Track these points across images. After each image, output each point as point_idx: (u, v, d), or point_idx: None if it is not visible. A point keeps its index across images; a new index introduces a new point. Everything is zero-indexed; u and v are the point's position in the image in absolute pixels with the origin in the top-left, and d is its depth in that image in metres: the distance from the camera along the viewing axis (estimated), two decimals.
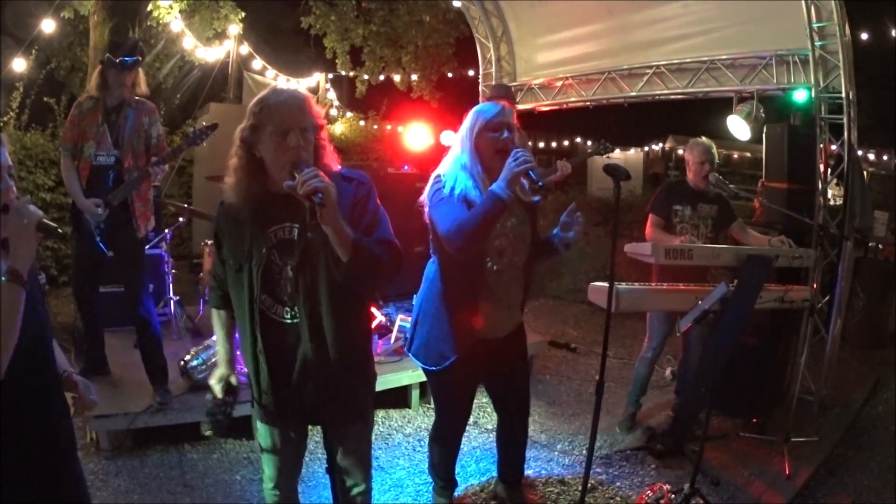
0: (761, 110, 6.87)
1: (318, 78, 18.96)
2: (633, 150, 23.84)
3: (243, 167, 2.95)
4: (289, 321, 3.02)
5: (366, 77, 18.48)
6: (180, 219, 8.59)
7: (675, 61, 7.86)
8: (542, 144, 22.86)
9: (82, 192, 5.80)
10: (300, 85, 18.21)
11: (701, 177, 5.91)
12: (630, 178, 3.98)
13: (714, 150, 5.99)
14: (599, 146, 7.23)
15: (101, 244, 5.82)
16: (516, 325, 4.25)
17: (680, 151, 18.25)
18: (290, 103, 2.87)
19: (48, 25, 9.89)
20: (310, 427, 3.43)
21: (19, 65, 9.79)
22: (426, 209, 3.91)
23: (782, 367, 6.66)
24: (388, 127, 20.39)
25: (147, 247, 6.64)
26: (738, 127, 6.90)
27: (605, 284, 4.41)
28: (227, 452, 5.79)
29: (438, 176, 3.91)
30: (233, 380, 3.23)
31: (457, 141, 3.96)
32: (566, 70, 9.45)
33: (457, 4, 10.75)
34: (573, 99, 9.42)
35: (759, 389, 6.33)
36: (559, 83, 9.53)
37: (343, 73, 18.47)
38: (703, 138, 6.04)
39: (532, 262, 4.15)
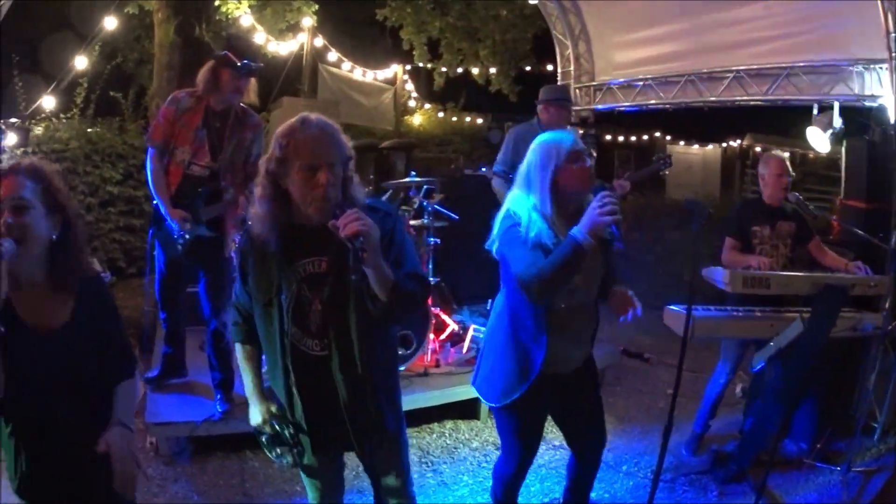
0: (841, 121, 6.78)
1: (395, 69, 19.11)
2: (711, 146, 23.63)
3: (270, 198, 2.97)
4: (318, 353, 3.07)
5: (443, 69, 18.55)
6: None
7: (755, 66, 7.79)
8: (621, 139, 22.74)
9: (170, 199, 5.63)
10: (377, 76, 18.46)
11: (779, 190, 5.83)
12: (712, 215, 3.91)
13: (788, 162, 5.92)
14: (660, 162, 7.25)
15: (181, 253, 5.72)
16: (585, 358, 4.12)
17: (758, 149, 18.04)
18: (319, 138, 2.89)
19: (111, 23, 10.03)
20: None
21: (81, 62, 9.99)
22: (496, 244, 3.84)
23: (850, 393, 6.60)
24: (468, 119, 20.55)
25: None
26: (816, 138, 6.83)
27: (682, 310, 4.49)
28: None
29: (509, 211, 3.80)
30: (273, 408, 3.26)
31: (522, 177, 3.86)
32: (645, 71, 9.44)
33: (533, 1, 10.77)
34: (653, 102, 9.41)
35: (825, 414, 6.26)
36: (639, 83, 9.52)
37: (420, 64, 18.55)
38: (778, 151, 6.01)
39: (604, 294, 4.03)
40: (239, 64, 5.50)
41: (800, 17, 7.28)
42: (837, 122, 6.76)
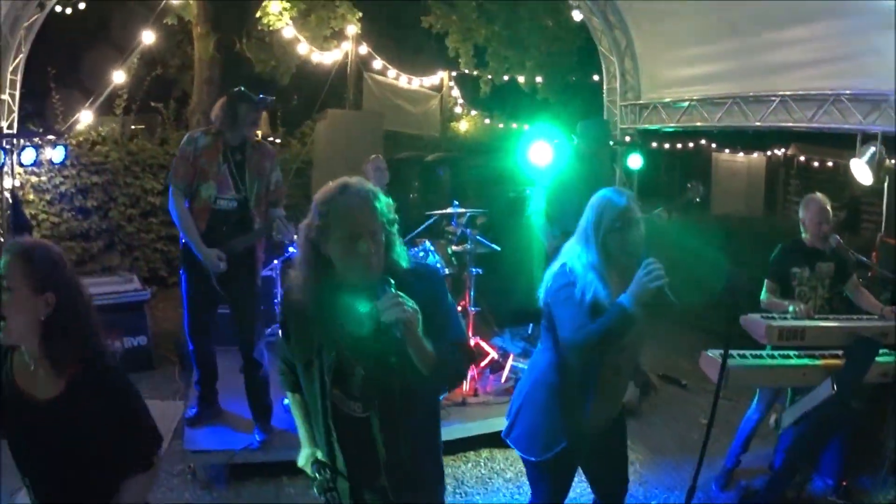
0: (884, 153, 6.70)
1: (441, 75, 19.20)
2: (756, 154, 23.51)
3: (310, 263, 2.96)
4: (360, 415, 3.07)
5: (489, 77, 18.52)
6: (290, 249, 8.45)
7: (800, 92, 7.71)
8: (666, 146, 22.63)
9: (201, 237, 5.71)
10: (423, 83, 18.56)
11: (818, 235, 5.88)
12: (745, 290, 3.89)
13: (829, 206, 5.94)
14: (693, 190, 7.30)
15: (218, 289, 5.84)
16: (620, 409, 4.20)
17: (802, 158, 17.96)
18: (359, 207, 2.85)
19: (148, 37, 10.18)
20: None
21: (119, 76, 10.15)
22: (546, 296, 3.89)
23: (878, 430, 6.56)
24: (514, 125, 20.58)
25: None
26: (860, 171, 6.75)
27: (717, 356, 4.58)
28: None
29: (563, 266, 3.84)
30: (319, 455, 3.24)
31: (580, 232, 3.89)
32: (691, 91, 9.38)
33: (578, 17, 10.74)
34: (698, 123, 9.36)
35: (852, 451, 6.24)
36: (685, 103, 9.45)
37: (466, 71, 18.56)
38: (819, 194, 5.99)
39: None
40: (255, 99, 5.69)
41: (842, 41, 7.21)
42: (881, 153, 6.68)
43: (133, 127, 12.81)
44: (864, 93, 7.02)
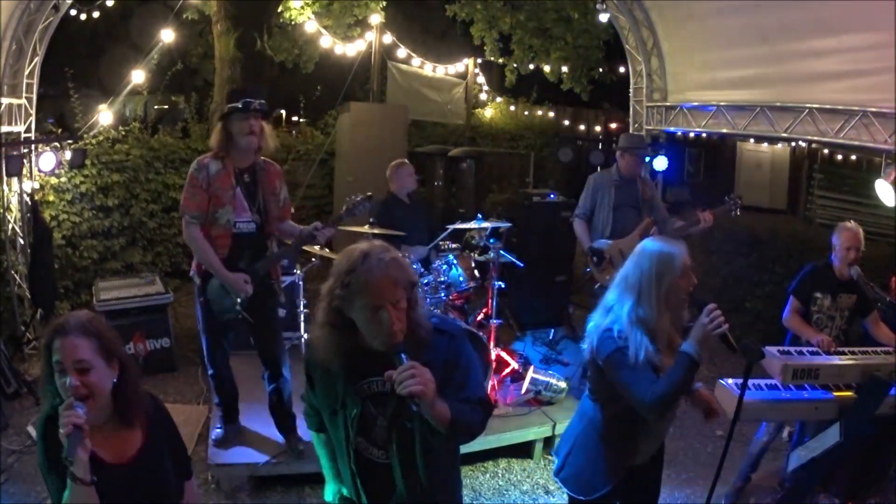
0: None
1: (466, 62, 19.27)
2: (780, 145, 23.41)
3: (333, 325, 3.04)
4: (382, 461, 3.19)
5: (515, 65, 18.60)
6: (313, 259, 8.56)
7: (828, 106, 7.81)
8: (692, 135, 22.49)
9: (222, 263, 5.77)
10: (448, 70, 18.65)
11: (845, 263, 6.01)
12: (763, 357, 4.02)
13: (862, 234, 6.03)
14: (731, 203, 7.49)
15: (244, 314, 5.88)
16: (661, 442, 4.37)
17: (826, 151, 17.90)
18: (382, 279, 2.91)
19: (167, 35, 10.30)
20: None
21: (139, 76, 10.32)
22: (597, 354, 3.90)
23: (886, 452, 6.67)
24: (539, 113, 20.64)
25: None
26: (885, 192, 6.86)
27: (732, 387, 4.86)
28: None
29: (610, 331, 3.84)
30: (345, 492, 3.48)
31: (631, 286, 3.88)
32: (718, 96, 9.52)
33: (604, 18, 10.83)
34: (724, 130, 9.54)
35: (860, 473, 6.36)
36: (712, 107, 9.59)
37: (492, 59, 18.65)
38: (852, 222, 6.08)
39: None
40: (240, 104, 5.65)
41: (872, 55, 7.19)
42: None
43: (156, 107, 12.88)
44: (890, 111, 7.07)
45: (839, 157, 18.25)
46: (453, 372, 3.12)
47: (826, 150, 18.11)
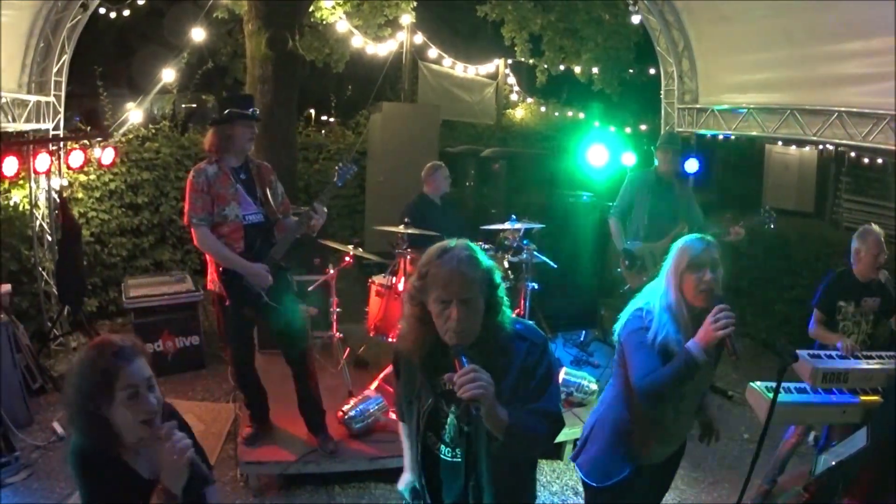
0: None
1: (497, 63, 19.33)
2: (808, 148, 23.38)
3: (415, 317, 3.12)
4: (449, 459, 3.27)
5: (545, 66, 18.57)
6: (346, 258, 8.40)
7: (855, 110, 7.78)
8: (720, 137, 22.49)
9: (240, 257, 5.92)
10: (479, 71, 18.72)
11: (872, 268, 6.01)
12: (797, 360, 4.06)
13: (883, 236, 6.04)
14: (766, 217, 7.52)
15: (271, 304, 6.02)
16: (679, 445, 4.41)
17: (853, 154, 17.87)
18: (452, 275, 2.96)
19: (198, 34, 10.39)
20: None
21: (169, 75, 10.39)
22: (620, 332, 4.07)
23: None
24: (570, 114, 20.66)
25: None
26: None
27: (763, 390, 4.92)
28: (377, 498, 6.14)
29: (640, 310, 4.00)
30: (417, 485, 3.50)
31: (663, 276, 4.02)
32: (748, 98, 9.53)
33: (635, 20, 10.87)
34: (755, 132, 9.51)
35: (885, 475, 6.39)
36: (742, 110, 9.58)
37: (522, 59, 18.58)
38: (875, 226, 6.10)
39: None
40: (249, 112, 5.95)
41: None
42: None
43: (184, 106, 12.97)
44: None
45: (866, 160, 18.19)
46: (528, 380, 3.15)
47: (853, 153, 18.08)
